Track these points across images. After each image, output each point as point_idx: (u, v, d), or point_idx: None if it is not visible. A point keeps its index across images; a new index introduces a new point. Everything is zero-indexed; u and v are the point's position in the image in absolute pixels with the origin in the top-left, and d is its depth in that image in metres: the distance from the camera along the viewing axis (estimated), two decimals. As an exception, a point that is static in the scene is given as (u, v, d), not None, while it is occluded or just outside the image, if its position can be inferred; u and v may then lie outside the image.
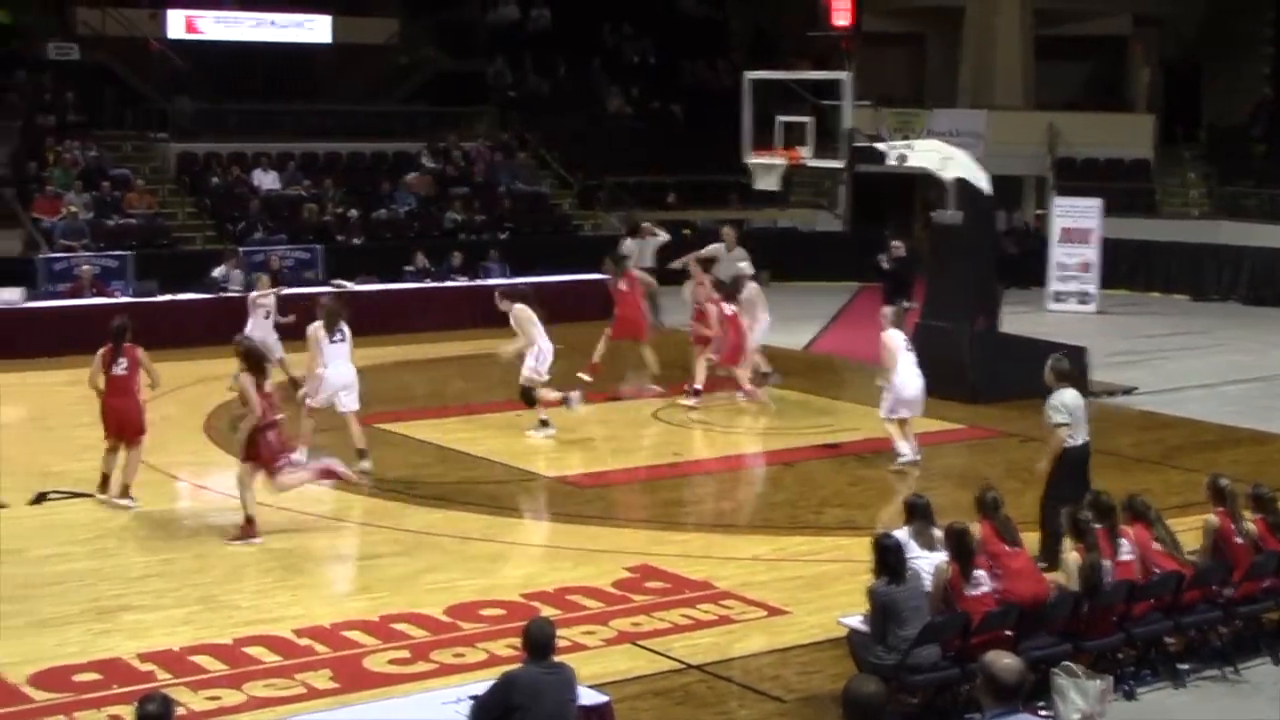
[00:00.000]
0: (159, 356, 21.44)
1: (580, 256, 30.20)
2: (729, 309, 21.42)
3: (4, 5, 36.42)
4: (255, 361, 15.20)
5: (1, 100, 33.89)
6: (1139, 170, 39.56)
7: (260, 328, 21.57)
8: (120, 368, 16.18)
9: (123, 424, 16.26)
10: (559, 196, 37.64)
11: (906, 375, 17.85)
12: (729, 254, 24.49)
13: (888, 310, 19.03)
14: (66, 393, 21.12)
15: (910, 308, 23.44)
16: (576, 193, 37.81)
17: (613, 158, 38.03)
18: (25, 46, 35.88)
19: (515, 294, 19.98)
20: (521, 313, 19.48)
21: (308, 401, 17.92)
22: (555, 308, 22.38)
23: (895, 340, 17.93)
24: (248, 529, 14.87)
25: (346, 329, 17.76)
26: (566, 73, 41.42)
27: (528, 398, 19.60)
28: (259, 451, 14.97)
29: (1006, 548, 11.29)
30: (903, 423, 18.06)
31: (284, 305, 22.21)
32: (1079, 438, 14.05)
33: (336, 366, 17.70)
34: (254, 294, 22.26)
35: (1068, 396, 14.04)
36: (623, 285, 22.97)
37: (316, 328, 17.69)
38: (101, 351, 16.21)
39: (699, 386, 21.57)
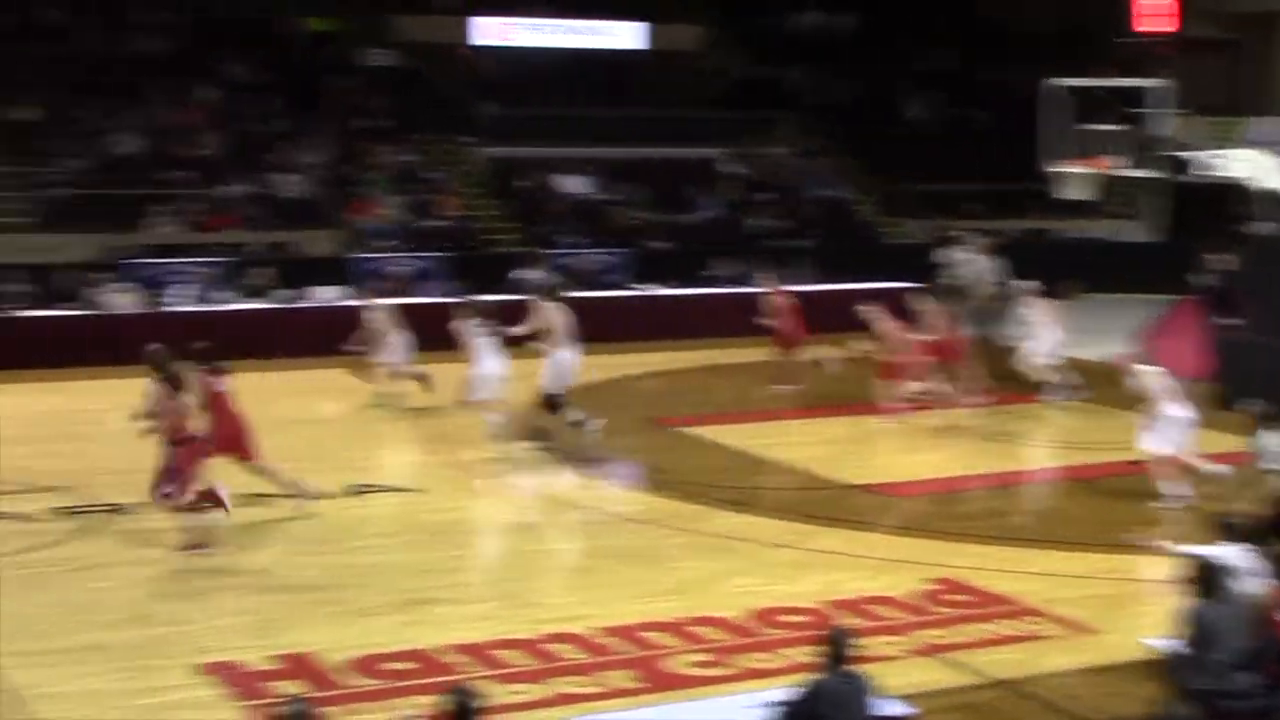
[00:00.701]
0: (458, 356, 21.87)
1: (882, 263, 30.10)
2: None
3: (325, 14, 37.70)
4: (167, 372, 14.78)
5: (321, 105, 35.06)
6: None
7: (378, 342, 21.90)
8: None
9: None
10: (861, 203, 37.49)
11: (1177, 411, 17.16)
12: (982, 264, 24.27)
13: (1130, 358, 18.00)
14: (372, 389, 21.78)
15: (1232, 324, 22.77)
16: (878, 200, 37.61)
17: (915, 164, 37.73)
18: (344, 53, 37.10)
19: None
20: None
21: (469, 398, 18.98)
22: (856, 316, 22.33)
23: (1160, 380, 17.26)
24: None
25: (492, 328, 18.87)
26: (869, 79, 41.23)
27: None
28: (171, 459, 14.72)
29: None
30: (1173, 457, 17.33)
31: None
32: None
33: (490, 362, 18.79)
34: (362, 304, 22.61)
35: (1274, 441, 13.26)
36: (778, 299, 23.21)
37: (468, 327, 18.63)
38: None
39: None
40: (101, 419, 20.08)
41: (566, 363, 19.30)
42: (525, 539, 15.44)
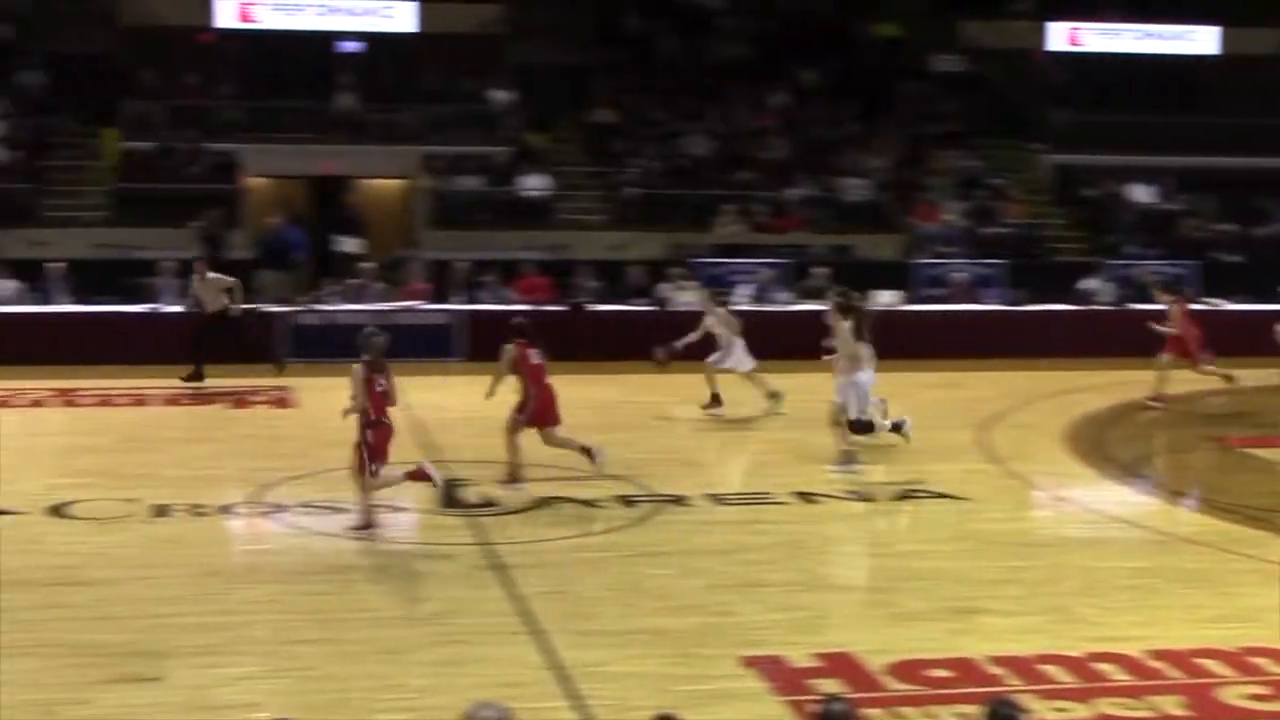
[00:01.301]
0: (1017, 365, 21.58)
1: None
2: None
3: (894, 19, 37.93)
4: (374, 357, 14.78)
5: (888, 109, 35.29)
6: None
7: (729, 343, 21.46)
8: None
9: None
10: None
11: None
12: None
13: None
14: (931, 394, 21.76)
15: None
16: None
17: None
18: (913, 59, 37.20)
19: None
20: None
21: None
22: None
23: None
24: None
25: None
26: None
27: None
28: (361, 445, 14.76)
29: None
30: None
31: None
32: None
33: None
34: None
35: None
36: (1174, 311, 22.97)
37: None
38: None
39: None
40: (663, 412, 20.79)
41: (867, 384, 18.22)
42: (1077, 554, 15.12)
